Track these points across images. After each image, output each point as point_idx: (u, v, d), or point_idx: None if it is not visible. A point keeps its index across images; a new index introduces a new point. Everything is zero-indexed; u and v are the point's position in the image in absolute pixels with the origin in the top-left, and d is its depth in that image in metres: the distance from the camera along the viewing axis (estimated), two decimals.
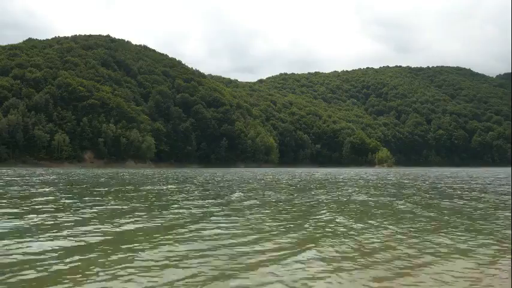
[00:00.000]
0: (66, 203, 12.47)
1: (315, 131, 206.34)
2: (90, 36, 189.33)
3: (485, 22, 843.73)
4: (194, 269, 5.00)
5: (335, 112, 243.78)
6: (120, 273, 4.80)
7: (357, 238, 7.04)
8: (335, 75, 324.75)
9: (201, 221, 8.89)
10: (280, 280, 4.64)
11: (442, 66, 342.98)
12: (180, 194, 16.89)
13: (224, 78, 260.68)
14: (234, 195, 16.35)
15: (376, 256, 5.76)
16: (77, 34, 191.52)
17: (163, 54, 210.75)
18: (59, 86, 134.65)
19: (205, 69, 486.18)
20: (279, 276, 4.79)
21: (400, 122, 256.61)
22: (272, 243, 6.49)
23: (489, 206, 12.59)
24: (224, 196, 15.78)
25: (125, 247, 6.17)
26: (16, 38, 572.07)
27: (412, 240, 6.92)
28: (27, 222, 8.37)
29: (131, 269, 4.99)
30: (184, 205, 12.13)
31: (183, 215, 9.91)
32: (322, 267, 5.17)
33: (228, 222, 8.76)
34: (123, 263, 5.22)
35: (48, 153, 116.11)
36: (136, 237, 7.02)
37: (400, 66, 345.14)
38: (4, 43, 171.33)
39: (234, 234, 7.25)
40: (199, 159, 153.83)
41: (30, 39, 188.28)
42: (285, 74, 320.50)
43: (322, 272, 4.99)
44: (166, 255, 5.69)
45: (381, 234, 7.46)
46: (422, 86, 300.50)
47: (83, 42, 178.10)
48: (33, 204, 12.09)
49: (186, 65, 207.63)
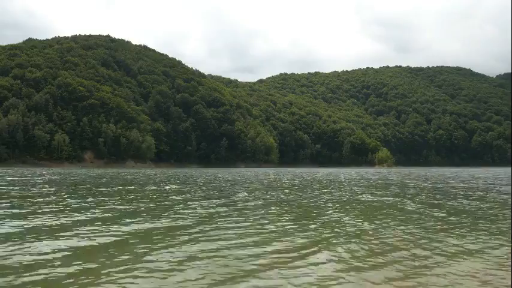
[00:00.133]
0: (73, 204, 12.43)
1: (315, 131, 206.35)
2: (90, 36, 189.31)
3: (485, 22, 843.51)
4: (204, 270, 4.99)
5: (335, 112, 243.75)
6: (131, 274, 4.79)
7: (366, 239, 7.04)
8: (335, 75, 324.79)
9: (209, 221, 8.88)
10: (291, 282, 4.62)
11: (442, 66, 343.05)
12: (185, 194, 16.86)
13: (224, 78, 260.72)
14: (240, 195, 16.34)
15: (387, 257, 5.77)
16: (77, 34, 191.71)
17: (163, 54, 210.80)
18: (59, 86, 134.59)
19: (205, 69, 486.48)
20: (290, 277, 4.78)
21: (400, 122, 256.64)
22: (282, 244, 6.48)
23: (495, 205, 12.58)
24: (230, 196, 15.77)
25: (135, 248, 6.17)
26: (16, 38, 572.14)
27: (421, 240, 6.92)
28: (35, 223, 8.34)
29: (141, 269, 4.98)
30: (191, 206, 12.11)
31: (191, 215, 9.89)
32: (333, 268, 5.16)
33: (236, 222, 8.75)
34: (134, 264, 5.21)
35: (48, 153, 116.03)
36: (146, 238, 7.00)
37: (400, 66, 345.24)
38: (4, 43, 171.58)
39: (242, 235, 7.24)
40: (199, 159, 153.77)
41: (30, 39, 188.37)
42: (285, 74, 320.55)
43: (334, 272, 4.98)
44: (177, 256, 5.67)
45: (389, 234, 7.47)
46: (422, 86, 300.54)
47: (83, 42, 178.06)
48: (40, 204, 12.04)
49: (186, 65, 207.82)
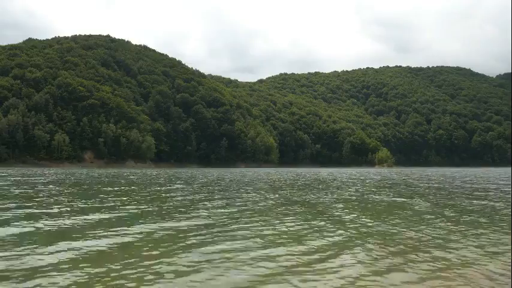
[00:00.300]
0: (82, 205, 12.30)
1: (315, 131, 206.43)
2: (90, 36, 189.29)
3: (485, 22, 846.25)
4: (220, 273, 4.90)
5: (335, 112, 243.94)
6: (144, 277, 4.71)
7: (382, 240, 6.96)
8: (335, 75, 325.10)
9: (221, 222, 8.77)
10: (312, 286, 4.55)
11: (442, 66, 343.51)
12: (192, 195, 16.71)
13: (224, 78, 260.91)
14: (247, 195, 16.21)
15: (406, 258, 5.69)
16: (77, 34, 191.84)
17: (163, 54, 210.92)
18: (59, 86, 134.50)
19: (205, 69, 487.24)
20: (310, 281, 4.69)
21: (400, 122, 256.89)
22: (298, 247, 6.38)
23: (507, 205, 12.43)
24: (238, 196, 15.63)
25: (148, 250, 6.08)
26: (16, 38, 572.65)
27: (438, 241, 6.86)
28: (47, 224, 8.22)
29: (154, 272, 4.91)
30: (201, 206, 11.98)
31: (202, 216, 9.77)
32: (353, 272, 5.06)
33: (249, 223, 8.64)
34: (148, 267, 5.12)
35: (48, 153, 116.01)
36: (159, 240, 6.91)
37: (400, 66, 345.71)
38: (4, 43, 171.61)
39: (256, 236, 7.14)
40: (199, 159, 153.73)
41: (30, 39, 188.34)
42: (285, 74, 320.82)
43: (355, 276, 4.89)
44: (191, 258, 5.58)
45: (405, 235, 7.39)
46: (422, 86, 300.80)
47: (83, 42, 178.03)
48: (50, 205, 11.90)
49: (186, 65, 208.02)
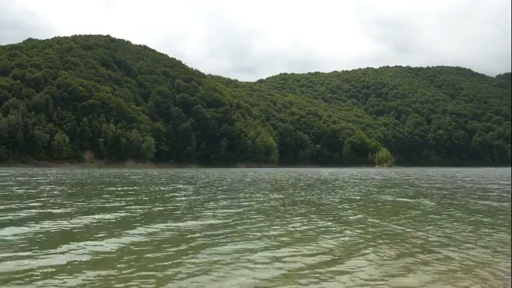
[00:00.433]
0: (86, 205, 12.23)
1: (315, 131, 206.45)
2: (90, 36, 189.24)
3: (485, 22, 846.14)
4: (230, 275, 4.83)
5: (335, 112, 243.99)
6: (156, 279, 4.64)
7: (393, 240, 6.89)
8: (335, 75, 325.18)
9: (229, 223, 8.69)
10: None
11: (442, 66, 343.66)
12: (196, 195, 16.61)
13: (224, 78, 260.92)
14: (252, 195, 16.13)
15: (418, 259, 5.64)
16: (77, 34, 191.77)
17: (163, 54, 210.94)
18: (59, 86, 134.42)
19: (205, 69, 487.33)
20: (323, 282, 4.62)
21: (400, 122, 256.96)
22: (309, 248, 6.30)
23: None
24: (243, 197, 15.54)
25: (161, 249, 6.02)
26: (16, 38, 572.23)
27: (447, 241, 6.81)
28: (55, 225, 8.13)
29: (165, 273, 4.84)
30: (208, 206, 11.91)
31: (209, 217, 9.70)
32: (367, 274, 4.98)
33: (257, 224, 8.57)
34: (161, 266, 5.07)
35: (48, 153, 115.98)
36: (168, 240, 6.83)
37: (400, 66, 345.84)
38: (4, 43, 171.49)
39: (265, 237, 7.07)
40: (199, 159, 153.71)
41: (30, 39, 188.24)
42: (285, 74, 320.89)
43: (369, 278, 4.81)
44: (200, 259, 5.52)
45: (415, 235, 7.33)
46: (422, 86, 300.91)
47: (83, 42, 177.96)
48: (56, 205, 11.81)
49: (186, 65, 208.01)
